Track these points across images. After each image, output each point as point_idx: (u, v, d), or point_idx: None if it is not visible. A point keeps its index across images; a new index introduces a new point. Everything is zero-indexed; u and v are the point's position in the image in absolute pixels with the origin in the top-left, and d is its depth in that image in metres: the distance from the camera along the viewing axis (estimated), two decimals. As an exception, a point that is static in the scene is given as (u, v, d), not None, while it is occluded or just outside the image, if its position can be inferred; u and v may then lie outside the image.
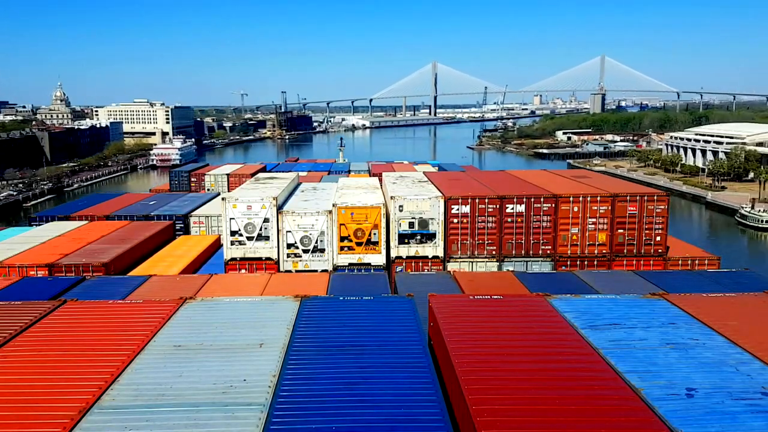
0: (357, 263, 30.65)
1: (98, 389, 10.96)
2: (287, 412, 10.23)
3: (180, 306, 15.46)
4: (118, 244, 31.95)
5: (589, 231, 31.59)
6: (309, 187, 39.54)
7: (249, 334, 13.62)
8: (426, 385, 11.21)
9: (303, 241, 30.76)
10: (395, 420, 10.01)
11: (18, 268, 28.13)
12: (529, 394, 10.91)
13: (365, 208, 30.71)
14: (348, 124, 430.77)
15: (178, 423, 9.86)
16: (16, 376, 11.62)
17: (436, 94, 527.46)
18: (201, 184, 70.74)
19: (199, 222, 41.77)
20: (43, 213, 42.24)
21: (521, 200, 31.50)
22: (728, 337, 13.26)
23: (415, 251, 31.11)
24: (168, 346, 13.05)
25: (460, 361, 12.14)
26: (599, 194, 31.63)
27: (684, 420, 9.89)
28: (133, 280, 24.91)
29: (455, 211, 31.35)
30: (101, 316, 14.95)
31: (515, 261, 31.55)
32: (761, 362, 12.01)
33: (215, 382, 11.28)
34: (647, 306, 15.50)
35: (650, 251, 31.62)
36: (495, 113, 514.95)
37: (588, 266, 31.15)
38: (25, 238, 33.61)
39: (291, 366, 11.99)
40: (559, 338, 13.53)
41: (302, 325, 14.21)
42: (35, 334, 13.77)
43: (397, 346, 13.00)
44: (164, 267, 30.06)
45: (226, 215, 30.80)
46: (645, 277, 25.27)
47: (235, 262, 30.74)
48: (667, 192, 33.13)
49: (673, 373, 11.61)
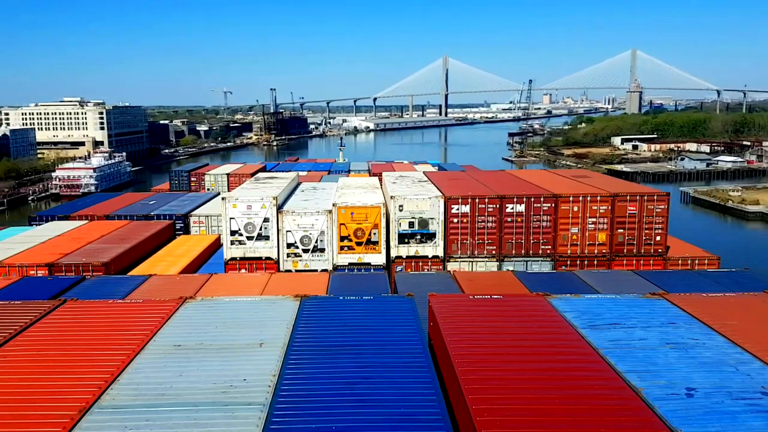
0: (357, 263, 30.66)
1: (98, 389, 10.96)
2: (287, 411, 10.23)
3: (180, 306, 15.47)
4: (118, 244, 31.97)
5: (589, 231, 31.59)
6: (309, 187, 39.55)
7: (249, 334, 13.62)
8: (426, 385, 11.21)
9: (303, 241, 30.76)
10: (395, 420, 10.01)
11: (18, 267, 28.15)
12: (528, 394, 10.92)
13: (365, 208, 30.71)
14: (349, 126, 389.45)
15: (178, 422, 9.86)
16: (16, 375, 11.62)
17: (448, 92, 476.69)
18: (201, 184, 70.80)
19: (199, 222, 41.80)
20: (43, 213, 42.24)
21: (521, 200, 31.50)
22: (728, 337, 13.26)
23: (415, 251, 31.11)
24: (168, 346, 13.06)
25: (460, 361, 12.14)
26: (599, 194, 31.63)
27: (684, 419, 9.90)
28: (133, 280, 24.92)
29: (455, 211, 31.35)
30: (101, 315, 14.95)
31: (515, 261, 31.55)
32: (761, 362, 12.01)
33: (215, 381, 11.28)
34: (647, 306, 15.50)
35: (650, 251, 31.61)
36: (509, 113, 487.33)
37: (588, 266, 31.14)
38: (25, 237, 33.64)
39: (291, 366, 11.99)
40: (559, 338, 13.53)
41: (302, 324, 14.21)
42: (35, 333, 13.77)
43: (397, 346, 13.00)
44: (164, 267, 30.08)
45: (226, 215, 30.81)
46: (645, 276, 25.29)
47: (235, 261, 30.74)
48: (666, 191, 33.05)
49: (673, 373, 11.62)
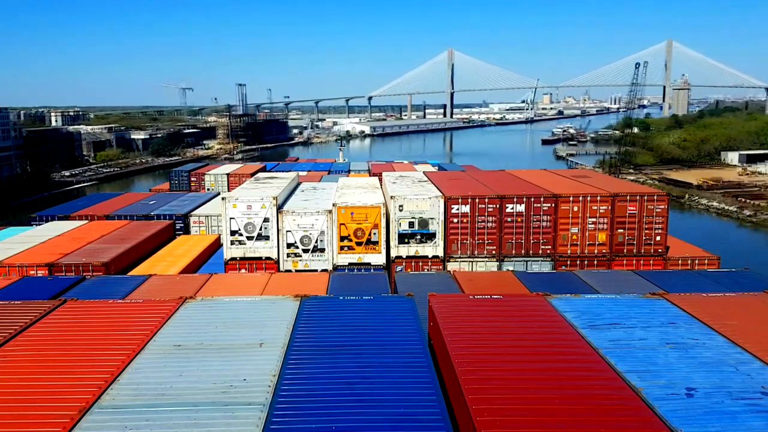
0: (357, 263, 30.65)
1: (98, 389, 10.96)
2: (287, 411, 10.24)
3: (180, 306, 15.47)
4: (118, 244, 31.96)
5: (589, 231, 31.58)
6: (309, 187, 39.52)
7: (249, 334, 13.62)
8: (426, 385, 11.21)
9: (303, 241, 30.76)
10: (395, 420, 10.01)
11: (18, 267, 28.13)
12: (529, 394, 10.92)
13: (365, 208, 30.71)
14: (341, 130, 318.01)
15: (178, 422, 9.87)
16: (16, 376, 11.62)
17: (453, 90, 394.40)
18: (201, 184, 70.67)
19: (199, 222, 41.77)
20: (43, 213, 42.16)
21: (521, 200, 31.50)
22: (728, 337, 13.26)
23: (415, 251, 31.11)
24: (168, 346, 13.06)
25: (460, 361, 12.15)
26: (599, 194, 31.63)
27: (684, 420, 9.91)
28: (133, 280, 24.91)
29: (455, 211, 31.34)
30: (101, 315, 14.95)
31: (515, 261, 31.54)
32: (761, 362, 12.02)
33: (215, 381, 11.28)
34: (647, 306, 15.50)
35: (650, 251, 31.61)
36: (518, 113, 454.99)
37: (588, 266, 31.14)
38: (25, 237, 33.62)
39: (291, 365, 12.00)
40: (559, 338, 13.54)
41: (302, 324, 14.21)
42: (35, 333, 13.77)
43: (397, 346, 13.00)
44: (164, 266, 30.07)
45: (226, 215, 30.80)
46: (645, 276, 25.28)
47: (235, 261, 30.74)
48: (666, 191, 33.10)
49: (673, 373, 11.62)
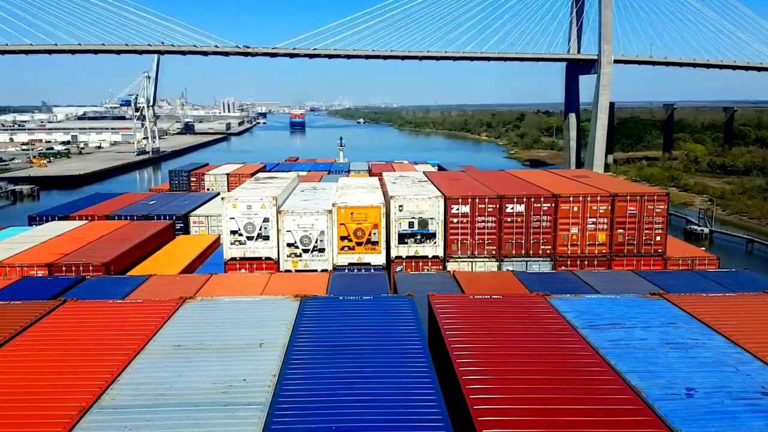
0: (357, 263, 30.65)
1: (98, 389, 10.95)
2: (287, 411, 10.23)
3: (180, 306, 15.46)
4: (118, 244, 31.94)
5: (589, 231, 31.58)
6: (309, 187, 39.51)
7: (249, 334, 13.62)
8: (426, 385, 11.21)
9: (303, 241, 30.76)
10: (395, 420, 10.01)
11: (18, 267, 28.11)
12: (529, 394, 10.93)
13: (365, 208, 30.72)
14: None
15: (178, 423, 9.86)
16: (16, 376, 11.62)
17: None
18: (201, 184, 70.81)
19: (199, 222, 41.82)
20: (43, 212, 42.15)
21: (521, 200, 31.50)
22: (728, 337, 13.27)
23: (415, 251, 31.12)
24: (168, 346, 13.05)
25: (461, 361, 12.15)
26: (599, 194, 31.64)
27: (684, 419, 9.91)
28: (133, 280, 24.89)
29: (455, 211, 31.35)
30: (101, 315, 14.95)
31: (515, 261, 31.55)
32: (761, 362, 12.02)
33: (215, 381, 11.28)
34: (647, 306, 15.50)
35: (650, 251, 31.62)
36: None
37: (588, 266, 31.15)
38: (25, 237, 33.59)
39: (291, 366, 11.99)
40: (559, 338, 13.54)
41: (302, 324, 14.21)
42: (35, 334, 13.77)
43: (397, 346, 13.00)
44: (164, 267, 30.06)
45: (226, 215, 30.80)
46: (645, 276, 25.28)
47: (234, 261, 30.74)
48: (666, 191, 33.12)
49: (673, 373, 11.62)
